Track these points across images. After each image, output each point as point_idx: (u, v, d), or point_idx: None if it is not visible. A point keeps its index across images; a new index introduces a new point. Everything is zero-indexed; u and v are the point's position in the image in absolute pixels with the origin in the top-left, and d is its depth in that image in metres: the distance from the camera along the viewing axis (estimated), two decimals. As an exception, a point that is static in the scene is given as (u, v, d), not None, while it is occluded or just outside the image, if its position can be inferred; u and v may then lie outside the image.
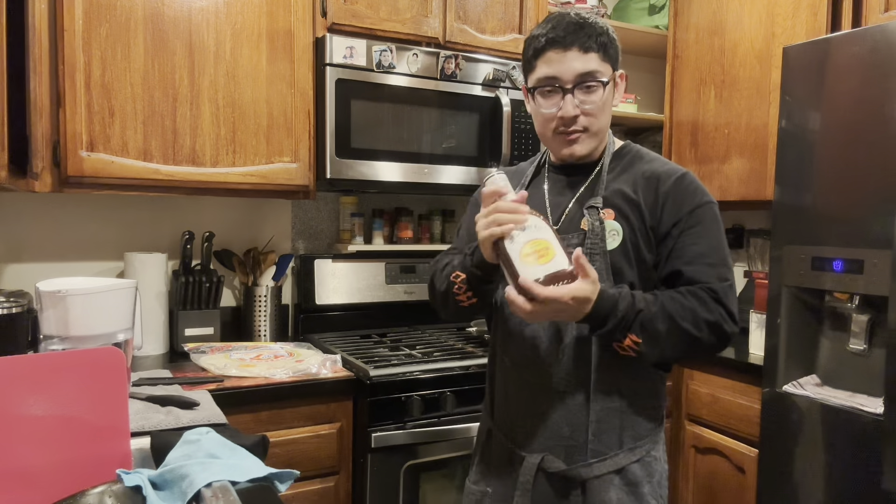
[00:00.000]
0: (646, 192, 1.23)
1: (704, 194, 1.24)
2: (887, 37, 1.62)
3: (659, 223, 1.22)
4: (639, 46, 2.85)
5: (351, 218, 2.37)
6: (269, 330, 2.22)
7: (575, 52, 1.19)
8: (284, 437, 1.73)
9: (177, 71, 1.85)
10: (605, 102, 1.24)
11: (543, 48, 1.22)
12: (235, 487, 0.83)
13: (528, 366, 1.27)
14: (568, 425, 1.23)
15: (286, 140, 2.00)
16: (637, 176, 1.26)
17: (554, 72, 1.21)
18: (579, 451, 1.23)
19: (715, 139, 2.45)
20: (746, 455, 2.04)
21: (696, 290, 1.17)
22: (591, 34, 1.20)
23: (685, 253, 1.20)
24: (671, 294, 1.17)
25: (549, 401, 1.24)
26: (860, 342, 1.73)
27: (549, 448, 1.24)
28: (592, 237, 1.21)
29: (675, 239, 1.20)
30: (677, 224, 1.21)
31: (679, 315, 1.14)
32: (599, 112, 1.24)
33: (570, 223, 1.26)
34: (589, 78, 1.20)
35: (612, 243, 1.22)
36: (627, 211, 1.23)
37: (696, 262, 1.19)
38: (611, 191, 1.25)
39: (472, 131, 2.22)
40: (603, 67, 1.22)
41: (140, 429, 1.23)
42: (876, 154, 1.63)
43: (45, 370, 0.89)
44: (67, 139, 1.72)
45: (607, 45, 1.22)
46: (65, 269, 2.06)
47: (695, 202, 1.22)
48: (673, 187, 1.22)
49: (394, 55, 2.07)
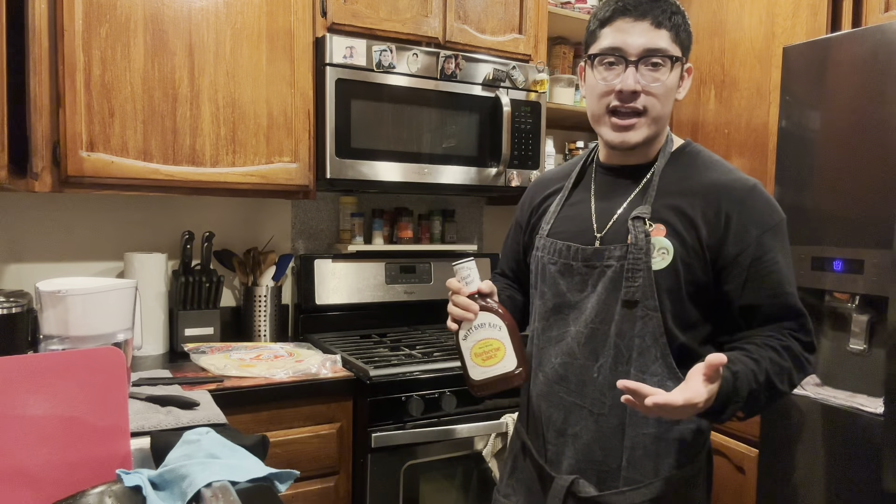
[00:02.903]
0: (704, 207, 1.12)
1: (774, 212, 1.14)
2: (887, 37, 1.62)
3: (721, 245, 1.10)
4: (639, 46, 2.85)
5: (351, 218, 2.37)
6: (269, 330, 2.22)
7: (646, 25, 1.09)
8: (284, 437, 1.73)
9: (177, 71, 1.85)
10: (670, 87, 1.13)
11: (612, 16, 1.12)
12: (235, 487, 0.83)
13: (561, 382, 1.19)
14: (601, 449, 1.15)
15: (286, 140, 2.00)
16: (695, 185, 1.14)
17: (619, 42, 1.10)
18: (612, 476, 1.15)
19: (715, 139, 2.45)
20: (746, 455, 2.04)
21: (790, 346, 1.09)
22: (667, 10, 1.10)
23: (763, 286, 1.10)
24: (771, 357, 1.07)
25: (583, 421, 1.17)
26: (860, 342, 1.73)
27: (581, 471, 1.17)
28: (635, 251, 1.11)
29: (747, 269, 1.10)
30: (746, 251, 1.10)
31: (778, 379, 1.07)
32: (662, 95, 1.12)
33: (615, 234, 1.16)
34: (656, 53, 1.09)
35: (661, 263, 1.11)
36: (680, 228, 1.12)
37: (775, 296, 1.11)
38: (664, 202, 1.14)
39: (472, 131, 2.21)
40: (673, 48, 1.11)
41: (140, 429, 1.23)
42: (876, 154, 1.63)
43: (45, 370, 0.89)
44: (67, 139, 1.72)
45: (680, 28, 1.12)
46: (65, 269, 2.06)
47: (765, 224, 1.11)
48: (739, 205, 1.11)
49: (394, 55, 2.07)
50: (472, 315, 1.12)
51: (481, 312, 1.13)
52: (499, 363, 1.12)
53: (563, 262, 1.20)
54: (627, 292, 1.11)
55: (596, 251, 1.16)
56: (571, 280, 1.19)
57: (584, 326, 1.16)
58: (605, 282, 1.14)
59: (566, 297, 1.20)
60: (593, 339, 1.15)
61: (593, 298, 1.16)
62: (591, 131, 2.93)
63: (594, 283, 1.16)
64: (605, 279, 1.14)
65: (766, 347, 1.08)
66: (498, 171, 2.24)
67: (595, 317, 1.15)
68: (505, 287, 1.41)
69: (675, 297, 1.11)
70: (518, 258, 1.39)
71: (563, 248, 1.20)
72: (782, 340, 1.09)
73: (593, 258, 1.16)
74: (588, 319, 1.16)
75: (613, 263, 1.13)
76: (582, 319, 1.17)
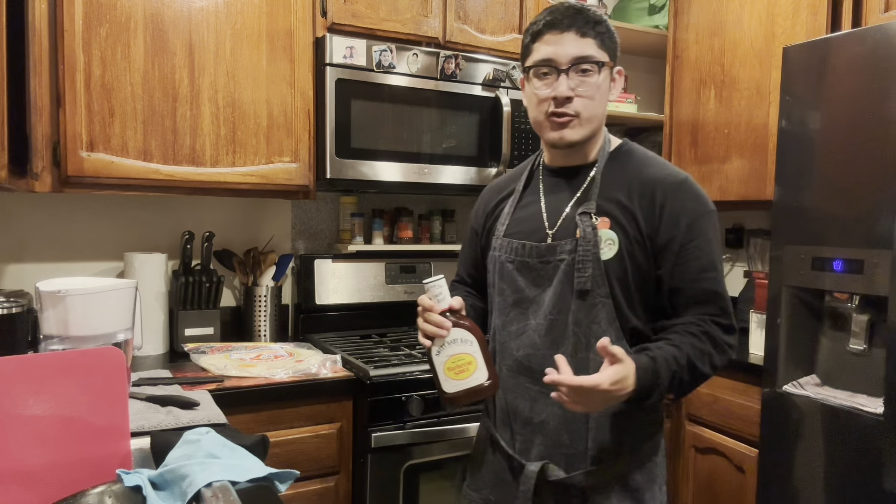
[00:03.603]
0: (641, 199, 1.21)
1: (704, 203, 1.23)
2: (887, 37, 1.62)
3: (656, 233, 1.20)
4: (639, 46, 2.85)
5: (351, 218, 2.37)
6: (269, 330, 2.22)
7: (572, 35, 1.19)
8: (284, 437, 1.73)
9: (177, 71, 1.85)
10: (601, 89, 1.23)
11: (541, 31, 1.22)
12: (235, 487, 0.83)
13: (525, 373, 1.26)
14: (567, 433, 1.23)
15: (286, 140, 2.00)
16: (633, 180, 1.24)
17: (550, 53, 1.21)
18: (579, 458, 1.22)
19: (715, 139, 2.45)
20: (746, 455, 2.04)
21: (709, 331, 1.18)
22: (589, 20, 1.21)
23: (687, 270, 1.20)
24: (692, 342, 1.17)
25: (548, 409, 1.23)
26: (860, 342, 1.73)
27: (550, 456, 1.24)
28: (584, 244, 1.20)
29: (676, 254, 1.20)
30: (676, 237, 1.19)
31: (700, 362, 1.16)
32: (593, 97, 1.22)
33: (565, 230, 1.25)
34: (584, 61, 1.20)
35: (608, 253, 1.20)
36: (623, 220, 1.21)
37: (697, 280, 1.20)
38: (606, 197, 1.23)
39: (472, 131, 2.21)
40: (598, 54, 1.21)
41: (140, 429, 1.23)
42: (876, 154, 1.63)
43: (45, 370, 0.89)
44: (67, 139, 1.72)
45: (605, 35, 1.22)
46: (65, 269, 2.06)
47: (694, 213, 1.21)
48: (671, 196, 1.21)
49: (394, 55, 2.07)
50: (445, 332, 1.18)
51: (454, 328, 1.18)
52: (471, 376, 1.18)
53: (520, 260, 1.28)
54: (579, 282, 1.20)
55: (549, 247, 1.25)
56: (528, 276, 1.27)
57: (543, 318, 1.24)
58: (559, 275, 1.23)
59: (525, 293, 1.28)
60: (553, 330, 1.23)
61: (550, 291, 1.24)
62: (591, 131, 2.93)
63: (549, 277, 1.25)
64: (560, 272, 1.23)
65: (686, 334, 1.18)
66: (498, 171, 2.24)
67: (553, 308, 1.23)
68: (466, 295, 1.45)
69: (624, 285, 1.21)
70: (476, 263, 1.46)
71: (519, 246, 1.29)
72: (702, 326, 1.19)
73: (547, 254, 1.25)
74: (546, 311, 1.24)
75: (566, 257, 1.22)
76: (541, 312, 1.25)
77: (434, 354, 1.20)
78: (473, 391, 1.19)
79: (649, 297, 1.23)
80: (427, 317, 1.19)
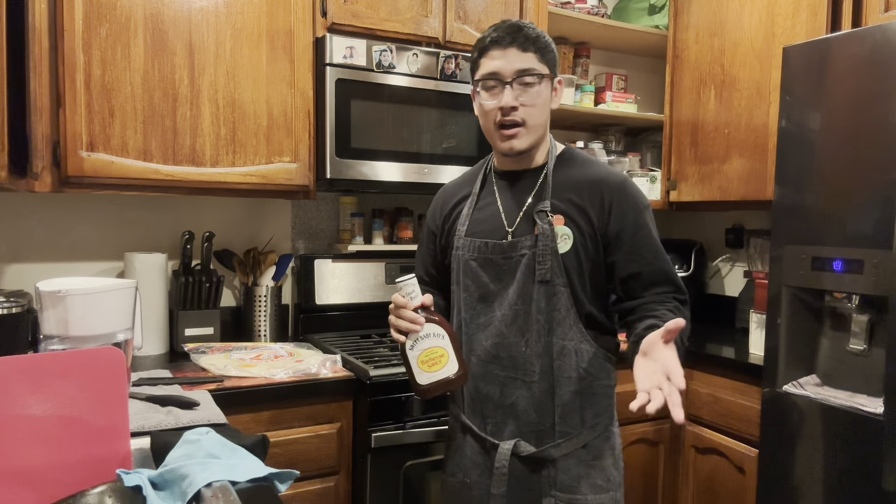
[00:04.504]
0: (591, 198, 1.34)
1: (643, 199, 1.38)
2: (887, 37, 1.62)
3: (606, 227, 1.34)
4: (639, 46, 2.85)
5: (351, 218, 2.37)
6: (269, 330, 2.22)
7: (514, 50, 1.30)
8: (284, 437, 1.73)
9: (177, 71, 1.85)
10: (543, 98, 1.35)
11: (486, 48, 1.33)
12: (235, 487, 0.83)
13: (494, 361, 1.38)
14: (536, 412, 1.36)
15: (286, 140, 2.00)
16: (581, 181, 1.37)
17: (495, 68, 1.32)
18: (547, 434, 1.36)
19: (715, 139, 2.45)
20: (746, 455, 2.04)
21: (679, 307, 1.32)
22: (529, 37, 1.32)
23: (640, 256, 1.34)
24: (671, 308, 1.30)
25: (518, 391, 1.36)
26: (860, 342, 1.73)
27: (522, 434, 1.37)
28: (543, 239, 1.32)
29: (627, 243, 1.33)
30: (626, 228, 1.33)
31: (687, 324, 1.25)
32: (536, 106, 1.33)
33: (523, 228, 1.36)
34: (526, 73, 1.31)
35: (564, 247, 1.33)
36: (576, 216, 1.34)
37: (652, 263, 1.34)
38: (558, 196, 1.36)
39: (471, 131, 2.21)
40: (539, 66, 1.32)
41: (140, 429, 1.24)
42: (876, 154, 1.63)
43: (45, 370, 0.89)
44: (67, 139, 1.72)
45: (544, 49, 1.33)
46: (65, 269, 2.06)
47: (638, 208, 1.35)
48: (617, 194, 1.34)
49: (394, 55, 2.07)
50: (418, 327, 1.27)
51: (427, 324, 1.27)
52: (443, 368, 1.28)
53: (483, 257, 1.39)
54: (540, 274, 1.33)
55: (510, 244, 1.37)
56: (492, 271, 1.39)
57: (508, 309, 1.36)
58: (521, 268, 1.35)
59: (489, 287, 1.39)
60: (517, 319, 1.36)
61: (513, 284, 1.36)
62: (591, 131, 2.94)
63: (512, 271, 1.36)
64: (522, 266, 1.35)
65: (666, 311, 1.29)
66: (498, 171, 2.24)
67: (517, 299, 1.35)
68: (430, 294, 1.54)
69: (579, 274, 1.34)
70: (436, 262, 1.55)
71: (482, 244, 1.40)
72: (670, 303, 1.32)
73: (509, 250, 1.37)
74: (511, 302, 1.36)
75: (526, 252, 1.34)
76: (506, 303, 1.36)
77: (408, 349, 1.28)
78: (446, 382, 1.28)
79: (601, 285, 1.37)
80: (402, 314, 1.28)
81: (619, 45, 2.87)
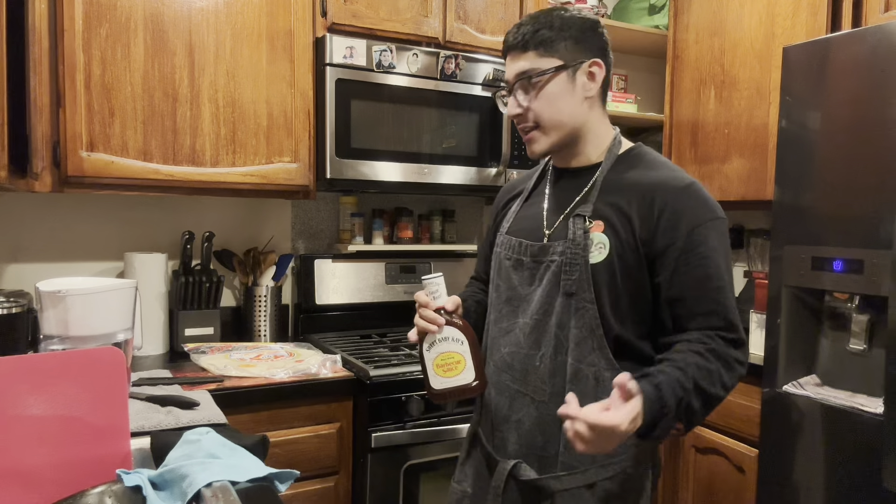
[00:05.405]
0: (640, 203, 1.17)
1: (709, 209, 1.16)
2: (887, 37, 1.62)
3: (653, 238, 1.15)
4: (639, 46, 2.85)
5: (351, 218, 2.37)
6: (269, 330, 2.22)
7: (513, 56, 1.24)
8: (284, 437, 1.73)
9: (177, 71, 1.85)
10: (554, 94, 1.22)
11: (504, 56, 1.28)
12: (235, 487, 0.83)
13: (507, 371, 1.27)
14: (541, 435, 1.22)
15: (286, 140, 2.00)
16: (635, 184, 1.20)
17: (505, 76, 1.28)
18: (551, 462, 1.21)
19: (715, 139, 2.45)
20: (746, 455, 2.04)
21: (715, 348, 1.12)
22: (529, 31, 1.22)
23: (688, 279, 1.14)
24: (696, 362, 1.09)
25: (525, 408, 1.23)
26: (860, 342, 1.73)
27: (523, 456, 1.24)
28: (573, 247, 1.18)
29: (675, 261, 1.14)
30: (675, 244, 1.13)
31: (707, 383, 1.09)
32: (545, 105, 1.22)
33: (559, 231, 1.24)
34: (522, 76, 1.22)
35: (598, 257, 1.17)
36: (617, 223, 1.18)
37: (700, 290, 1.14)
38: (606, 200, 1.20)
39: (471, 131, 2.22)
40: (541, 63, 1.21)
41: (140, 429, 1.24)
42: (876, 154, 1.63)
43: (45, 370, 0.89)
44: (67, 139, 1.72)
45: (549, 41, 1.21)
46: (65, 269, 2.06)
47: (697, 219, 1.14)
48: (672, 200, 1.15)
49: (394, 55, 2.07)
50: (436, 328, 1.20)
51: (446, 326, 1.20)
52: (458, 375, 1.21)
53: (516, 258, 1.29)
54: (565, 285, 1.19)
55: (542, 247, 1.24)
56: (522, 274, 1.28)
57: (529, 318, 1.24)
58: (549, 276, 1.22)
59: (517, 290, 1.28)
60: (536, 330, 1.23)
61: (539, 291, 1.23)
62: (591, 131, 2.93)
63: (540, 277, 1.24)
64: (549, 273, 1.22)
65: (689, 353, 1.11)
66: (498, 171, 2.24)
67: (539, 308, 1.23)
68: (477, 292, 1.48)
69: (612, 290, 1.17)
70: (488, 259, 1.46)
71: (517, 244, 1.29)
72: (706, 343, 1.12)
73: (539, 254, 1.25)
74: (533, 311, 1.24)
75: (556, 258, 1.21)
76: (529, 311, 1.24)
77: (425, 350, 1.22)
78: (460, 390, 1.22)
79: (642, 307, 1.18)
80: (422, 312, 1.22)
81: (619, 44, 2.84)
